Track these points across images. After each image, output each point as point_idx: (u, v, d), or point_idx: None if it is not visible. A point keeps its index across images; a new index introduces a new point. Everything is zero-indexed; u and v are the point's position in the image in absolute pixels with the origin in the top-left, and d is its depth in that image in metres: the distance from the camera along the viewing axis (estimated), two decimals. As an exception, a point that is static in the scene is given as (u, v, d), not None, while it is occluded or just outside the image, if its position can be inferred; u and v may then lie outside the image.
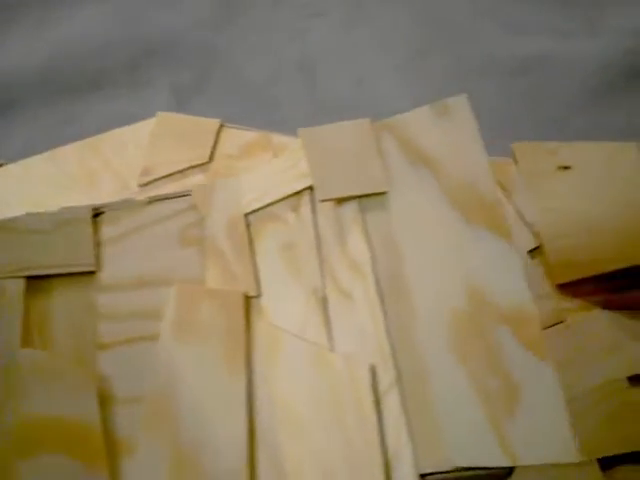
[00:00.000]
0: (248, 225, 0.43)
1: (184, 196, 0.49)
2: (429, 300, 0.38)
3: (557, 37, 1.01)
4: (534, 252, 0.62)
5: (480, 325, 0.37)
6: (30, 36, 1.01)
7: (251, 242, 0.42)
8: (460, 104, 0.43)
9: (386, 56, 1.05)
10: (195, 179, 0.64)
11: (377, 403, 0.36)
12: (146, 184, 0.60)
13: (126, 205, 0.48)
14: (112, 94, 1.01)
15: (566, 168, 0.63)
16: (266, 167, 0.48)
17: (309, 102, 1.04)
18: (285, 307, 0.40)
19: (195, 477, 0.34)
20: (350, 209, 0.40)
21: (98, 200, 0.59)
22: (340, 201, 0.41)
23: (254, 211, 0.44)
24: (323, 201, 0.41)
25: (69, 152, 0.65)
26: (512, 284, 0.37)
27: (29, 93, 0.99)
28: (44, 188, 0.61)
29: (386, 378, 0.36)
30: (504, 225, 0.38)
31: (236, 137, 0.66)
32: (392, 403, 0.36)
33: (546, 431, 0.34)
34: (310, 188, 0.44)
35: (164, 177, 0.61)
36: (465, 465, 0.34)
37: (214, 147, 0.65)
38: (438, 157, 0.40)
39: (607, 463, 0.57)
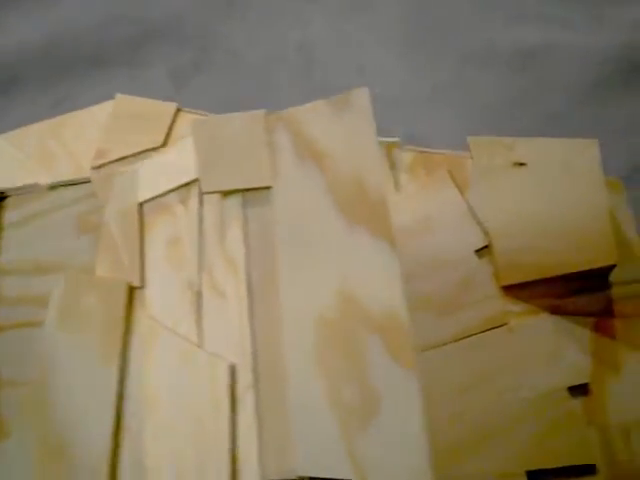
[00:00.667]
0: (142, 215, 0.43)
1: (85, 183, 0.49)
2: (298, 303, 0.37)
3: (557, 29, 0.97)
4: (483, 251, 0.60)
5: (347, 332, 0.36)
6: (30, 14, 1.03)
7: (142, 232, 0.42)
8: (360, 97, 0.41)
9: (385, 44, 1.03)
10: (148, 163, 0.65)
11: (233, 405, 0.35)
12: (99, 166, 0.60)
13: (30, 190, 0.48)
14: (111, 73, 1.02)
15: (521, 165, 0.60)
16: (163, 156, 0.48)
17: (307, 86, 1.03)
18: (164, 300, 0.40)
19: (59, 471, 0.34)
20: (234, 203, 0.40)
21: (53, 181, 0.59)
22: (226, 194, 0.40)
23: (146, 201, 0.44)
24: (205, 193, 0.41)
25: (30, 133, 0.66)
26: (387, 290, 0.36)
27: (29, 71, 1.00)
28: (1, 168, 0.62)
29: (245, 380, 0.36)
30: (386, 226, 0.37)
31: (186, 121, 0.66)
32: (248, 406, 0.35)
33: (400, 448, 0.32)
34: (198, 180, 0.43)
35: (118, 160, 0.61)
36: (308, 475, 0.33)
37: (169, 131, 0.65)
38: (329, 152, 0.39)
39: (537, 477, 0.55)
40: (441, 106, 0.99)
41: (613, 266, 0.57)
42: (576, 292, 0.59)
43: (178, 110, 0.68)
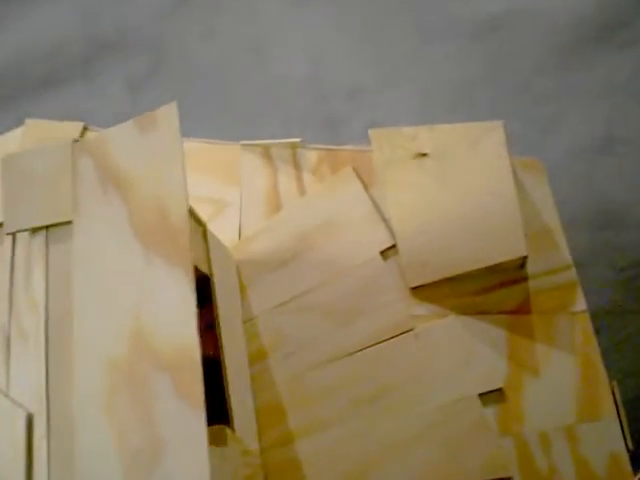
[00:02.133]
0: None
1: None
2: (90, 344, 0.34)
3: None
4: (389, 251, 0.56)
5: (138, 373, 0.33)
6: None
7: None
8: (168, 114, 0.38)
9: (341, 31, 0.99)
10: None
11: (29, 455, 0.33)
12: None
13: None
14: (67, 90, 1.01)
15: (424, 155, 0.56)
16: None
17: (262, 80, 1.00)
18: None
19: None
20: (39, 241, 0.37)
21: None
22: (32, 232, 0.38)
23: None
24: (8, 234, 0.39)
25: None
26: (180, 326, 0.33)
27: None
28: None
29: (40, 429, 0.33)
30: (185, 257, 0.34)
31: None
32: (42, 456, 0.33)
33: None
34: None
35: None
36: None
37: None
38: (132, 177, 0.36)
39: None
40: (403, 89, 0.94)
41: (525, 257, 0.52)
42: (489, 289, 0.54)
43: (85, 129, 0.66)
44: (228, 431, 0.45)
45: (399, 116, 0.94)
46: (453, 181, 0.54)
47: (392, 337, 0.53)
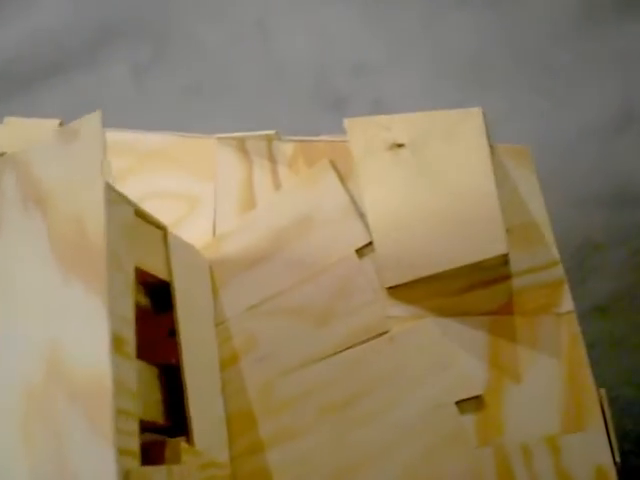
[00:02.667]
0: None
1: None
2: (5, 369, 0.33)
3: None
4: (366, 248, 0.53)
5: (52, 401, 0.31)
6: None
7: None
8: (91, 123, 0.35)
9: (346, 9, 0.94)
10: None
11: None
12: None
13: None
14: (75, 76, 1.00)
15: (400, 146, 0.52)
16: None
17: (265, 64, 0.97)
18: None
19: None
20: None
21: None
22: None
23: None
24: None
25: None
26: (94, 351, 0.31)
27: None
28: None
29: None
30: (101, 278, 0.32)
31: None
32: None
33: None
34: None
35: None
36: None
37: None
38: (53, 193, 0.34)
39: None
40: (409, 65, 0.90)
41: (506, 255, 0.49)
42: (468, 289, 0.50)
43: (61, 124, 0.65)
44: (183, 445, 0.44)
45: (406, 92, 0.90)
46: (430, 174, 0.51)
47: (366, 340, 0.50)
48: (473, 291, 0.50)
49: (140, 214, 0.46)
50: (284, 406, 0.50)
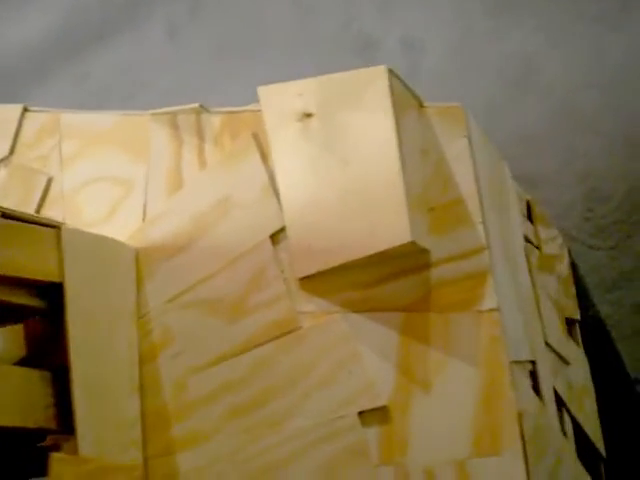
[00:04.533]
0: None
1: None
2: None
3: None
4: (280, 234, 0.47)
5: None
6: (36, 9, 1.04)
7: None
8: None
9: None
10: (-1, 175, 0.62)
11: None
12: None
13: None
14: (116, 41, 1.00)
15: (309, 116, 0.45)
16: None
17: (298, 26, 0.90)
18: None
19: None
20: None
21: None
22: None
23: None
24: None
25: None
26: None
27: (43, 57, 1.03)
28: None
29: None
30: None
31: (33, 121, 0.61)
32: None
33: None
34: None
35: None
36: None
37: (15, 138, 0.62)
38: None
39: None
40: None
41: (414, 243, 0.40)
42: (382, 280, 0.43)
43: (25, 110, 0.64)
44: (57, 456, 0.42)
45: (431, 32, 0.79)
46: (338, 148, 0.43)
47: (277, 337, 0.45)
48: (386, 283, 0.43)
49: (19, 216, 0.44)
50: (196, 406, 0.47)
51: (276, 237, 0.47)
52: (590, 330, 0.67)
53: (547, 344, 0.50)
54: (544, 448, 0.40)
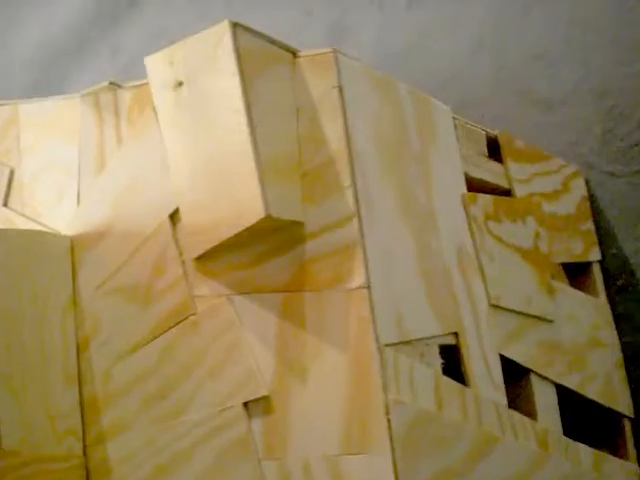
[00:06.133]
0: None
1: None
2: None
3: None
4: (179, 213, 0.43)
5: None
6: None
7: None
8: None
9: None
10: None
11: None
12: None
13: None
14: (147, 9, 0.99)
15: (181, 84, 0.41)
16: None
17: None
18: None
19: None
20: None
21: None
22: None
23: None
24: None
25: None
26: None
27: (81, 35, 1.04)
28: None
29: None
30: None
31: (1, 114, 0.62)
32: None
33: None
34: None
35: None
36: None
37: None
38: None
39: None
40: None
41: (273, 218, 0.36)
42: (262, 258, 0.39)
43: None
44: None
45: None
46: (203, 116, 0.39)
47: (176, 324, 0.43)
48: (266, 261, 0.39)
49: None
50: (119, 395, 0.46)
51: (175, 217, 0.44)
52: (613, 271, 0.58)
53: (496, 306, 0.43)
54: (434, 443, 0.35)
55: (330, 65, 0.38)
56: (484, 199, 0.46)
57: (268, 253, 0.39)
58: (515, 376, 0.46)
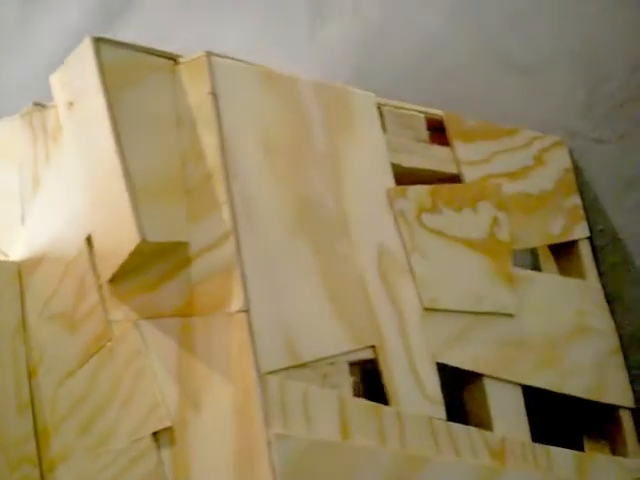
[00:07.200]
0: None
1: None
2: None
3: None
4: None
5: None
6: None
7: None
8: None
9: None
10: None
11: None
12: None
13: None
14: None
15: (72, 105, 0.38)
16: None
17: None
18: None
19: None
20: None
21: None
22: None
23: None
24: None
25: None
26: None
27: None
28: None
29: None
30: None
31: None
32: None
33: None
34: None
35: None
36: None
37: None
38: None
39: None
40: None
41: (151, 243, 0.33)
42: (161, 279, 0.36)
43: None
44: None
45: None
46: (85, 137, 0.37)
47: (97, 351, 0.41)
48: (165, 283, 0.36)
49: None
50: (61, 422, 0.45)
51: (91, 238, 0.43)
52: (602, 248, 0.53)
53: (432, 309, 0.40)
54: (337, 475, 0.32)
55: (204, 70, 0.35)
56: (417, 190, 0.42)
57: (164, 276, 0.36)
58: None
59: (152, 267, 0.37)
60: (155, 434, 0.37)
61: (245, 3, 0.82)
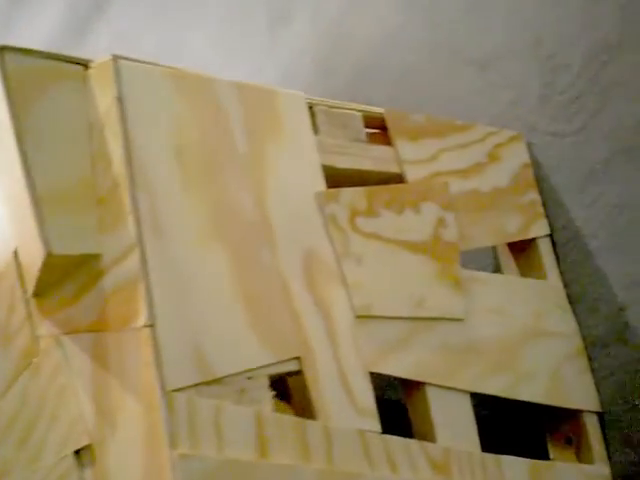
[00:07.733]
0: None
1: None
2: None
3: None
4: None
5: None
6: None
7: None
8: None
9: None
10: None
11: None
12: None
13: None
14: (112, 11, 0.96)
15: None
16: None
17: None
18: None
19: None
20: None
21: None
22: None
23: None
24: None
25: None
26: None
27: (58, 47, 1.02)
28: None
29: None
30: None
31: None
32: None
33: None
34: None
35: None
36: None
37: None
38: None
39: None
40: None
41: (57, 256, 0.32)
42: (77, 295, 0.35)
43: None
44: None
45: None
46: (2, 148, 0.36)
47: (26, 367, 0.40)
48: (82, 296, 0.35)
49: None
50: (1, 438, 0.44)
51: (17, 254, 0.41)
52: (564, 245, 0.51)
53: (366, 317, 0.38)
54: None
55: (110, 74, 0.33)
56: (351, 193, 0.40)
57: (81, 289, 0.35)
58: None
59: (70, 280, 0.36)
60: (78, 452, 0.36)
61: (209, 6, 0.81)
